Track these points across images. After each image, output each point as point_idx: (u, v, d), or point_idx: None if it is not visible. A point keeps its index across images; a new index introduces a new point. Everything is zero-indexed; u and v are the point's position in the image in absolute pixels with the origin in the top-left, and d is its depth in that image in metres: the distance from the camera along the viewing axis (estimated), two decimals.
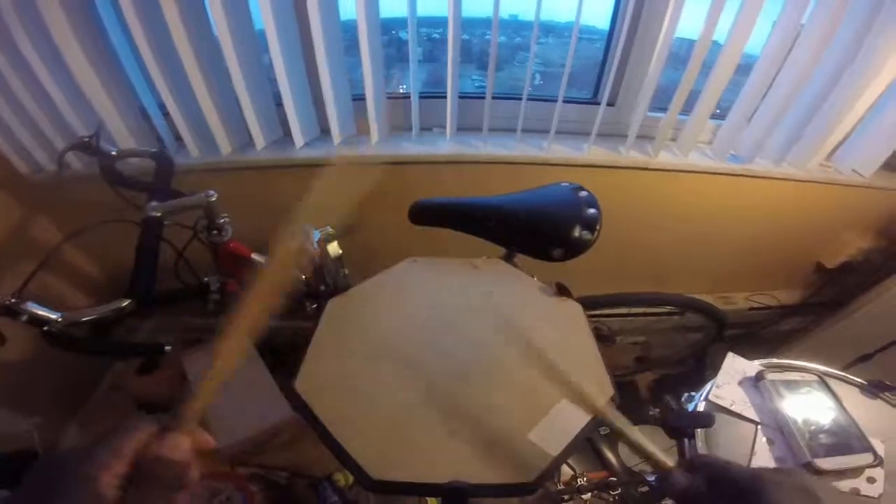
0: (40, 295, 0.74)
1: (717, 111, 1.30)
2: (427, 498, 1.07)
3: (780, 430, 0.66)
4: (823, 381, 0.72)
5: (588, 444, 1.35)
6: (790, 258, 1.64)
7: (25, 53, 1.02)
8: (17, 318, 0.72)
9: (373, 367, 0.67)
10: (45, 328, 0.74)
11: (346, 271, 0.85)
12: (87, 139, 0.92)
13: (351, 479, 1.23)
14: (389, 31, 1.38)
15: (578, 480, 1.22)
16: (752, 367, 0.76)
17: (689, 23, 1.08)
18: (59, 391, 1.43)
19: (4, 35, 1.00)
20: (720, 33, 1.10)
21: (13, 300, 0.71)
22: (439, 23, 1.42)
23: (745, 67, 1.20)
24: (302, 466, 1.23)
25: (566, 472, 1.25)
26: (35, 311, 0.72)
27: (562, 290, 0.83)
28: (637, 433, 0.44)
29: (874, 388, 0.72)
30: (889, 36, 1.08)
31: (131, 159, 1.09)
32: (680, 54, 1.26)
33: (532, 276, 0.89)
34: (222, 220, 0.94)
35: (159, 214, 0.81)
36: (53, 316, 0.74)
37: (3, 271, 1.22)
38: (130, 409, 1.45)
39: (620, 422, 0.47)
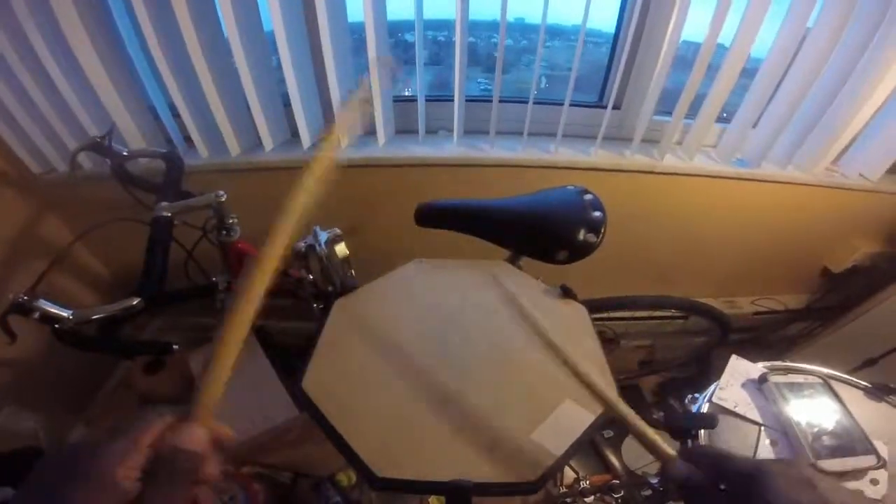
0: (48, 293, 0.75)
1: (723, 115, 1.29)
2: (430, 497, 1.07)
3: (784, 431, 0.66)
4: (827, 384, 0.72)
5: (591, 447, 1.35)
6: (796, 262, 1.63)
7: (40, 54, 1.04)
8: (29, 316, 0.72)
9: (379, 366, 0.68)
10: (56, 326, 0.74)
11: (353, 272, 0.86)
12: (99, 139, 0.93)
13: (354, 479, 1.23)
14: (394, 34, 1.38)
15: (581, 483, 1.23)
16: (756, 369, 0.76)
17: (694, 25, 1.07)
18: (65, 389, 1.44)
19: (19, 37, 1.02)
20: (726, 36, 1.09)
21: (26, 297, 0.72)
22: (444, 25, 1.42)
23: (751, 71, 1.19)
24: (306, 466, 1.23)
25: (569, 474, 1.26)
26: (47, 308, 0.73)
27: (567, 293, 0.84)
28: (640, 421, 0.45)
29: (878, 391, 0.72)
30: (895, 39, 1.07)
31: (141, 160, 1.10)
32: (686, 57, 1.25)
33: (537, 279, 0.90)
34: (231, 220, 0.95)
35: (170, 214, 0.82)
36: (65, 314, 0.74)
37: (15, 269, 1.24)
38: (136, 407, 1.46)
39: (625, 410, 0.47)
